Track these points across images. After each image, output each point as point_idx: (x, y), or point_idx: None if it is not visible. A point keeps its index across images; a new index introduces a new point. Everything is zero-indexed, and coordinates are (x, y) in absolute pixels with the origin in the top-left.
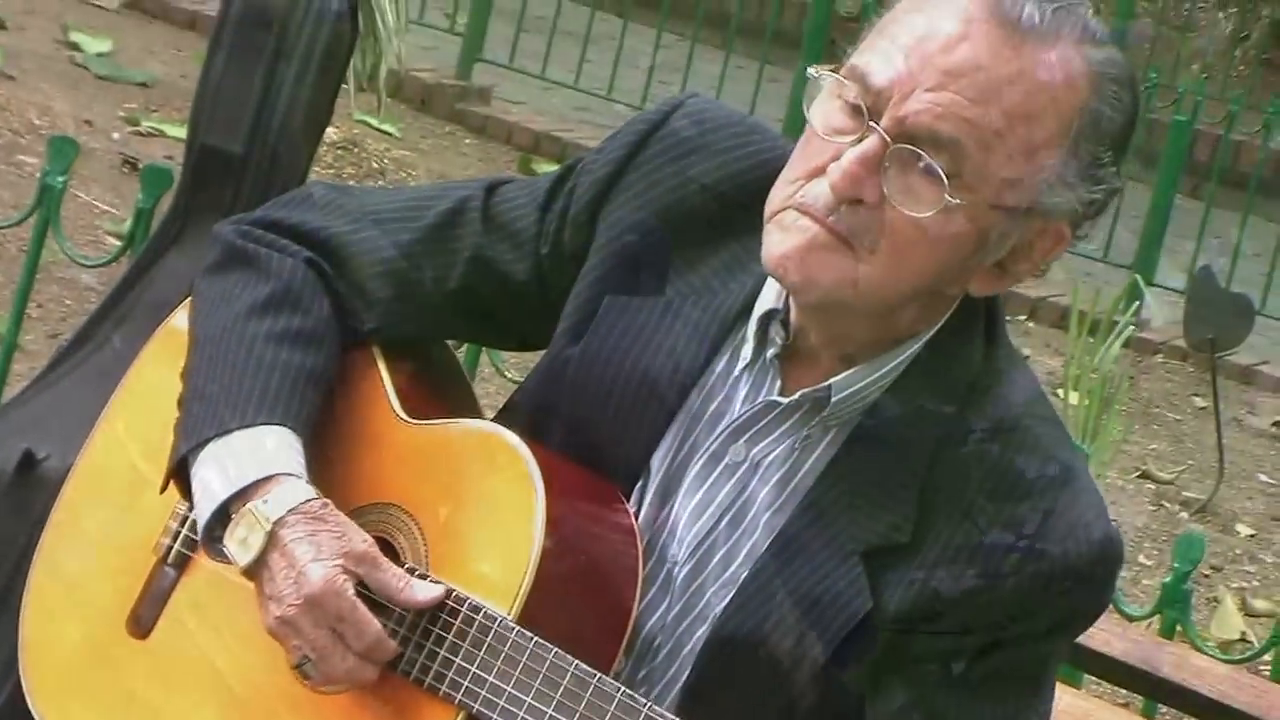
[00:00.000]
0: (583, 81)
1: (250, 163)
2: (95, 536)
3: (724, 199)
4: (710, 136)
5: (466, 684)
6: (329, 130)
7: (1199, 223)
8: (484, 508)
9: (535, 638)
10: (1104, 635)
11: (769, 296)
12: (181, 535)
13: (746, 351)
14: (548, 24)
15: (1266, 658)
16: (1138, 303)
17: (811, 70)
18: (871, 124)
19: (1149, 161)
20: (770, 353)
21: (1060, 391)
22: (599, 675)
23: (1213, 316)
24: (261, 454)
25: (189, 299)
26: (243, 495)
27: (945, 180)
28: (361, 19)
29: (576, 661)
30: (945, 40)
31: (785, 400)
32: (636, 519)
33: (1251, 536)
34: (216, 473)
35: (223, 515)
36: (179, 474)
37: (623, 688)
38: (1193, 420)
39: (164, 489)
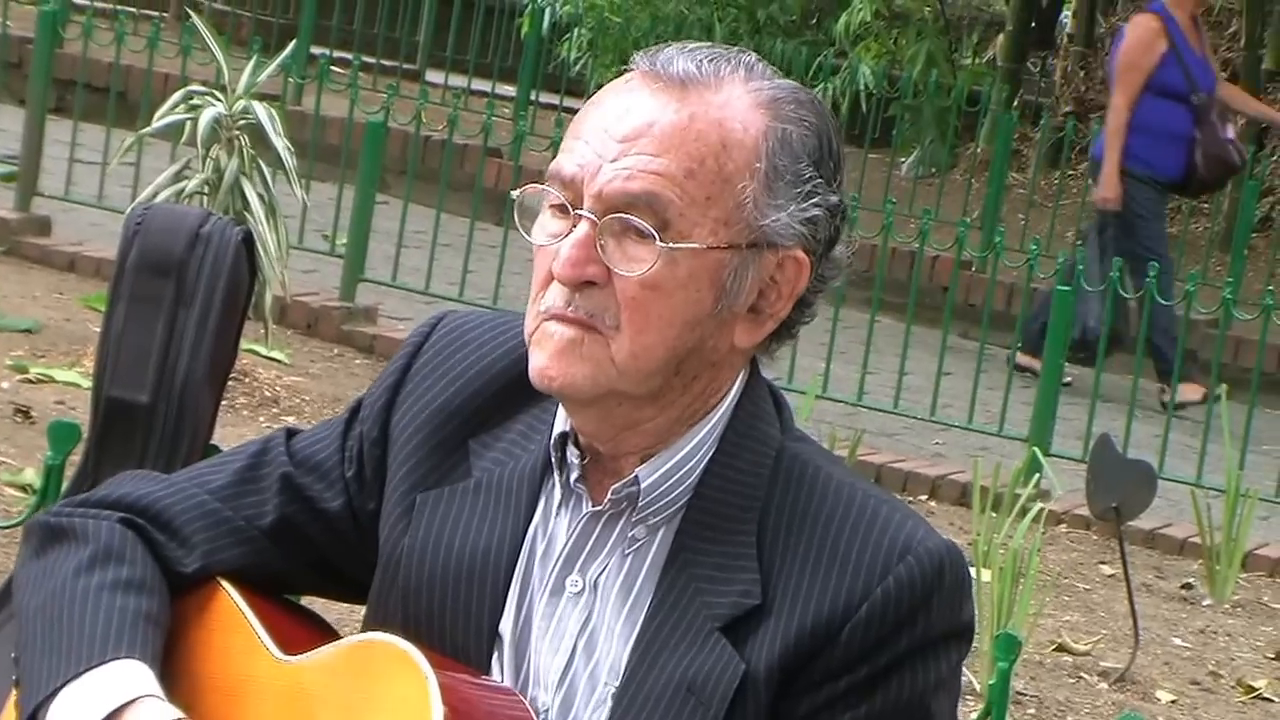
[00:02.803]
0: (467, 293)
1: (158, 412)
2: None
3: (499, 379)
4: (470, 335)
5: None
6: None
7: (1089, 390)
8: (379, 710)
9: None
10: None
11: (559, 421)
12: None
13: (556, 492)
14: (427, 238)
15: None
16: (1038, 475)
17: (514, 193)
18: (577, 212)
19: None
20: (573, 476)
21: (970, 570)
22: None
23: (1115, 486)
24: (120, 682)
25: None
26: None
27: (656, 234)
28: None
29: None
30: (616, 117)
31: (602, 507)
32: None
33: (1173, 702)
34: (75, 713)
35: None
36: None
37: None
38: (1102, 589)
39: None
